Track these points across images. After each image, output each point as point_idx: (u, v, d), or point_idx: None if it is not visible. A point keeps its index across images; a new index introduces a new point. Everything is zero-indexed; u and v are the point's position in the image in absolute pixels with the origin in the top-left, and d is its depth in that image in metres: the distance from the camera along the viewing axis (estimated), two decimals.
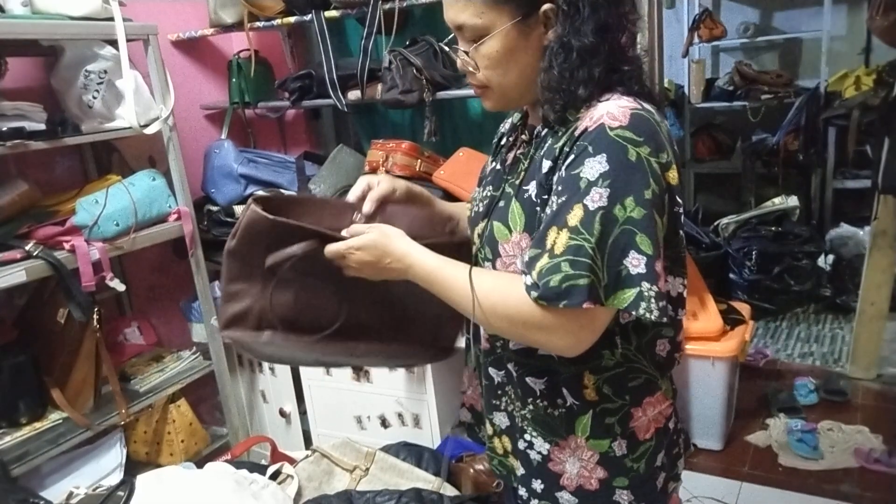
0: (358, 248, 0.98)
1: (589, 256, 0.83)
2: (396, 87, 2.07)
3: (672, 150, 0.90)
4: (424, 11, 2.35)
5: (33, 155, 1.88)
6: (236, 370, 2.53)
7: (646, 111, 0.89)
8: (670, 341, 1.02)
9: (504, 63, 0.93)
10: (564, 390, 0.99)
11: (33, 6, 1.78)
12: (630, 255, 0.84)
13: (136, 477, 1.51)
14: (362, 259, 0.98)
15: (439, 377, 2.18)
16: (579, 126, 0.89)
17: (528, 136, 1.01)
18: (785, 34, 4.58)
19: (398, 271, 0.98)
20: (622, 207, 0.84)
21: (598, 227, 0.83)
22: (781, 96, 4.13)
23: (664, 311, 0.85)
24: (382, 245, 0.98)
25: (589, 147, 0.86)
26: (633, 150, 0.85)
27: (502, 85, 0.96)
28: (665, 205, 0.88)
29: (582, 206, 0.84)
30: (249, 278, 1.02)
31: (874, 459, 2.36)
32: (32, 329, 1.98)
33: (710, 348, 2.39)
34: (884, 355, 2.96)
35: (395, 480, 1.74)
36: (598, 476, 1.00)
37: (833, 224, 3.92)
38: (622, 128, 0.85)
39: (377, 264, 0.98)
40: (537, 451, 1.04)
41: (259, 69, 2.45)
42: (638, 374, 0.99)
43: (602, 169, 0.84)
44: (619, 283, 0.84)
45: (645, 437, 1.00)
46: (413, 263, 0.97)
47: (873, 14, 2.69)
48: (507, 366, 1.05)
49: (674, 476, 1.08)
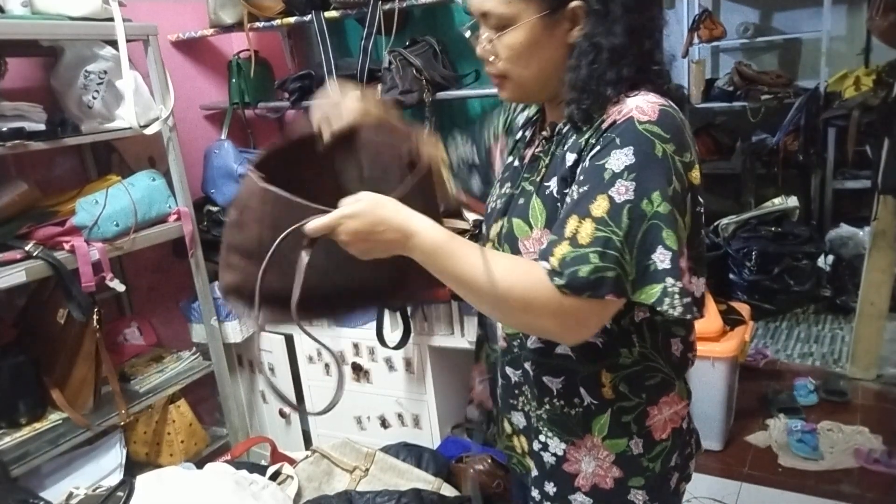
0: (350, 216, 0.85)
1: (617, 249, 0.83)
2: (396, 87, 2.07)
3: (694, 150, 0.90)
4: (424, 12, 2.35)
5: (33, 155, 1.88)
6: (236, 370, 2.53)
7: (673, 109, 0.89)
8: (682, 340, 1.02)
9: (526, 55, 0.93)
10: (582, 389, 0.99)
11: (33, 6, 1.78)
12: (657, 250, 0.83)
13: (136, 477, 1.51)
14: (353, 229, 0.85)
15: (439, 377, 2.18)
16: (607, 120, 0.89)
17: (550, 133, 1.00)
18: (784, 34, 4.58)
19: (395, 242, 0.87)
20: (649, 202, 0.83)
21: (626, 220, 0.83)
22: (781, 97, 4.13)
23: (688, 308, 0.84)
24: (379, 209, 0.86)
25: (616, 139, 0.86)
26: (659, 145, 0.84)
27: (522, 77, 0.95)
28: (687, 204, 0.87)
29: (607, 198, 0.84)
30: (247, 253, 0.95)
31: (874, 460, 2.35)
32: (32, 329, 1.98)
33: (709, 349, 2.39)
34: (884, 355, 2.96)
35: (394, 481, 1.74)
36: (613, 475, 1.00)
37: (833, 224, 3.92)
38: (651, 122, 0.85)
39: (370, 234, 0.85)
40: (552, 453, 1.04)
41: (259, 69, 2.45)
42: (655, 372, 0.99)
43: (628, 161, 0.84)
44: (647, 278, 0.84)
45: (661, 436, 1.00)
46: (415, 233, 0.86)
47: (873, 14, 2.70)
48: (524, 365, 1.04)
49: (685, 476, 1.08)
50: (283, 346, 2.40)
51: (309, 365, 2.37)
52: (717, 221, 3.79)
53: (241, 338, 2.35)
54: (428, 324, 2.12)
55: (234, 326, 2.32)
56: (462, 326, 2.08)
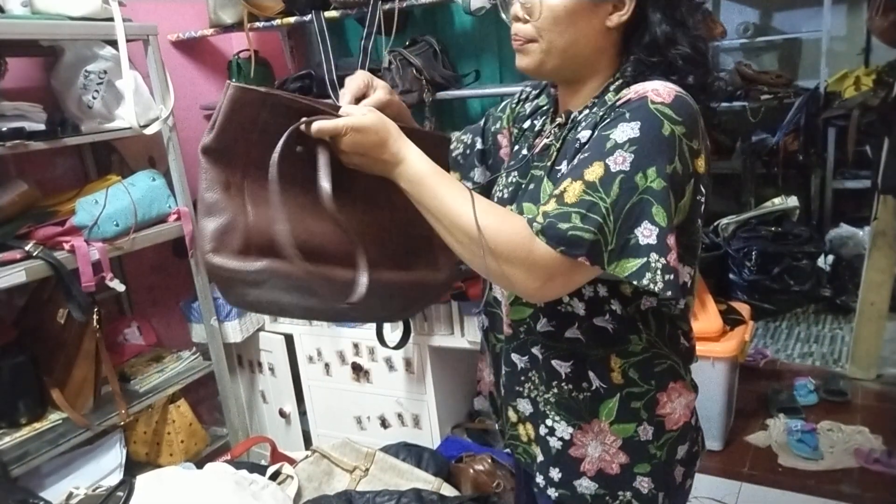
0: (358, 128, 0.88)
1: (601, 216, 0.83)
2: (396, 87, 2.07)
3: (705, 143, 0.90)
4: (424, 12, 2.35)
5: (33, 155, 1.88)
6: (236, 370, 2.53)
7: (689, 97, 0.89)
8: (685, 336, 1.03)
9: (565, 22, 0.92)
10: (591, 373, 0.99)
11: (33, 6, 1.78)
12: (643, 224, 0.83)
13: (136, 477, 1.51)
14: (358, 142, 0.88)
15: (439, 377, 2.18)
16: (623, 97, 0.90)
17: (565, 120, 1.01)
18: (785, 34, 4.58)
19: (387, 164, 0.90)
20: (644, 176, 0.83)
21: (616, 189, 0.83)
22: (781, 96, 4.13)
23: (670, 285, 0.83)
24: (384, 131, 0.90)
25: (627, 114, 0.86)
26: (668, 125, 0.85)
27: (552, 44, 0.94)
28: (687, 190, 0.87)
29: (603, 165, 0.84)
30: (229, 187, 0.86)
31: (874, 459, 2.35)
32: (32, 329, 1.98)
33: (709, 349, 2.39)
34: (884, 355, 2.96)
35: (394, 481, 1.74)
36: (619, 461, 1.00)
37: (833, 224, 3.93)
38: (664, 104, 0.86)
39: (370, 152, 0.89)
40: (558, 438, 1.04)
41: (259, 69, 2.45)
42: (663, 359, 0.99)
43: (633, 135, 0.84)
44: (626, 252, 0.84)
45: (674, 427, 1.01)
46: (405, 160, 0.90)
47: (873, 14, 2.69)
48: (531, 350, 1.04)
49: (691, 473, 1.08)
50: (283, 346, 2.40)
51: (309, 365, 2.37)
52: (717, 221, 3.79)
53: (241, 338, 2.35)
54: (428, 324, 2.12)
55: (234, 326, 2.32)
56: (462, 326, 2.08)
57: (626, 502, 1.01)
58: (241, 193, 0.87)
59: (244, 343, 2.40)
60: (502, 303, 1.08)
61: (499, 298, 1.10)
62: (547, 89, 1.12)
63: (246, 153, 0.88)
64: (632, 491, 1.01)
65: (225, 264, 0.83)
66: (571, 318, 0.99)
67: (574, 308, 0.98)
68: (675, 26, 0.93)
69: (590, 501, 1.02)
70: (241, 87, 0.87)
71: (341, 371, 2.31)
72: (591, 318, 0.98)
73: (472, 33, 2.33)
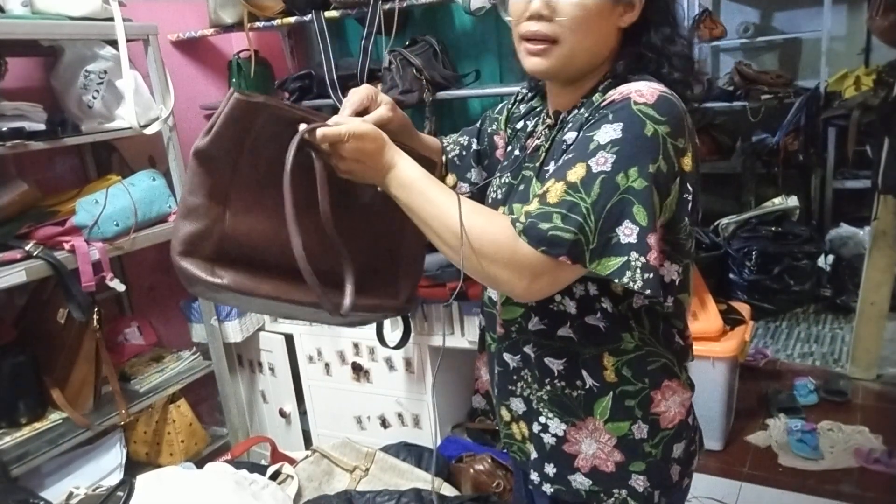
0: (359, 135, 0.89)
1: (582, 216, 0.83)
2: (396, 87, 2.07)
3: (693, 141, 0.90)
4: (424, 11, 2.35)
5: (33, 155, 1.88)
6: (236, 370, 2.53)
7: (674, 97, 0.89)
8: (679, 334, 1.03)
9: (587, 24, 0.91)
10: (584, 371, 0.99)
11: (33, 6, 1.78)
12: (624, 223, 0.84)
13: (136, 477, 1.51)
14: (358, 148, 0.89)
15: (439, 377, 2.18)
16: (607, 99, 0.90)
17: (554, 121, 1.01)
18: (785, 34, 4.58)
19: (379, 171, 0.92)
20: (625, 176, 0.84)
21: (597, 189, 0.84)
22: (781, 96, 4.13)
23: (649, 283, 0.84)
24: (381, 139, 0.91)
25: (610, 115, 0.87)
26: (651, 125, 0.85)
27: (575, 47, 0.92)
28: (673, 188, 0.88)
29: (585, 166, 0.85)
30: (213, 193, 0.86)
31: (874, 459, 2.35)
32: (32, 329, 1.98)
33: (709, 348, 2.39)
34: (884, 355, 2.96)
35: (395, 481, 1.74)
36: (615, 459, 1.01)
37: (833, 224, 3.92)
38: (647, 105, 0.86)
39: (368, 159, 0.90)
40: (552, 434, 1.04)
41: (259, 69, 2.45)
42: (656, 357, 0.99)
43: (615, 136, 0.85)
44: (608, 250, 0.84)
45: (668, 425, 1.01)
46: (396, 166, 0.92)
47: (873, 14, 2.70)
48: (523, 349, 1.05)
49: (688, 473, 1.08)
50: (283, 345, 2.40)
51: (309, 365, 2.37)
52: (717, 221, 3.79)
53: (241, 338, 2.35)
54: (428, 324, 2.12)
55: (234, 326, 2.32)
56: (462, 326, 2.08)
57: (622, 500, 1.01)
58: (223, 201, 0.88)
59: (244, 343, 2.40)
60: (497, 303, 1.09)
61: (494, 298, 1.10)
62: (542, 91, 1.12)
63: (235, 162, 0.89)
64: (627, 489, 1.01)
65: (191, 270, 0.85)
66: (563, 317, 0.99)
67: (566, 307, 0.98)
68: (672, 26, 0.94)
69: (584, 497, 1.03)
70: (243, 99, 0.88)
71: (341, 371, 2.31)
72: (583, 316, 0.98)
73: (472, 33, 2.33)
